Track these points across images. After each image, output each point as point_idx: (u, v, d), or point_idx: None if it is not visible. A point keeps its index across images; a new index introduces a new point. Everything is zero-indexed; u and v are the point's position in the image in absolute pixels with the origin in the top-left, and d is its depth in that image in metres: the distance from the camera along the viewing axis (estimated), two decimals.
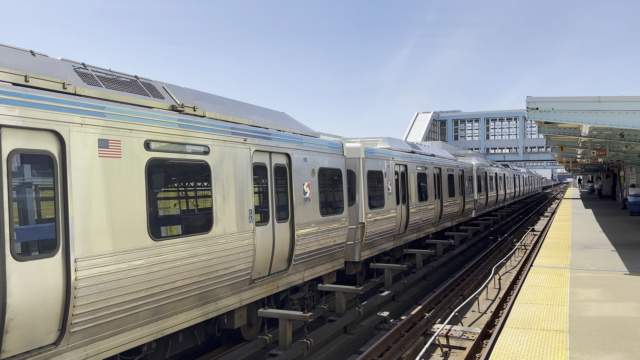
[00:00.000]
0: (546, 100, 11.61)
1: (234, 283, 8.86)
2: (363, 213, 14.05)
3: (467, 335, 11.06)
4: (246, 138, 9.27)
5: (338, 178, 12.77)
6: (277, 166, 10.22)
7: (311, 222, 11.15)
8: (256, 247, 9.31)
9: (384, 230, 15.41)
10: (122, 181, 6.80)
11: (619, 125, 11.31)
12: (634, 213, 26.86)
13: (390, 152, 16.60)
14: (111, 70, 7.81)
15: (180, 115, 8.03)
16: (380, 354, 9.86)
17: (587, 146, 22.26)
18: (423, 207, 19.09)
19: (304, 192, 10.93)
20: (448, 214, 22.94)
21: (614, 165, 40.61)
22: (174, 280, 7.50)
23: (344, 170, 12.99)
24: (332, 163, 12.42)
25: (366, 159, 14.50)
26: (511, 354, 6.65)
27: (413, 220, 18.06)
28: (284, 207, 10.42)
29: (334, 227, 12.22)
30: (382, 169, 15.58)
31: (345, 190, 12.92)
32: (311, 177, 11.27)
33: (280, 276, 10.28)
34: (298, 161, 10.85)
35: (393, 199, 16.12)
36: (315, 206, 11.38)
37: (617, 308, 8.68)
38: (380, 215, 15.06)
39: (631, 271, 11.72)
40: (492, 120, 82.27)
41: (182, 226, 7.86)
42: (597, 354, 6.57)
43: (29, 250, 5.78)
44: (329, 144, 12.42)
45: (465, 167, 26.81)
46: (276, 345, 9.48)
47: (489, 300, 14.63)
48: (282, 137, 10.49)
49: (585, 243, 16.40)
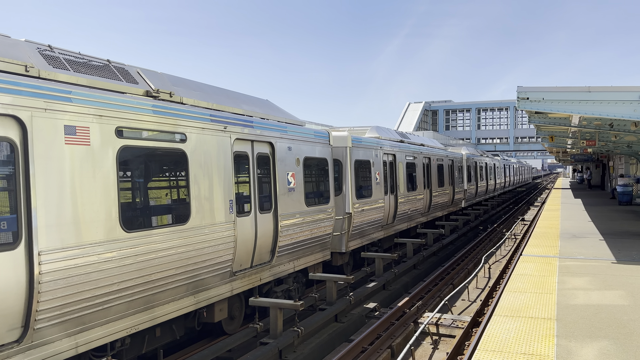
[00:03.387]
0: (537, 90, 11.63)
1: (214, 276, 8.51)
2: (350, 203, 13.75)
3: (456, 323, 11.13)
4: (226, 126, 8.89)
5: (324, 168, 12.41)
6: (259, 155, 9.85)
7: (296, 213, 10.80)
8: (237, 239, 8.94)
9: (371, 220, 15.12)
10: (90, 170, 6.44)
11: (609, 115, 11.36)
12: (623, 203, 27.10)
13: (379, 141, 16.24)
14: (81, 54, 7.39)
15: (155, 101, 7.63)
16: (371, 342, 9.91)
17: (577, 136, 22.37)
18: (412, 197, 18.80)
19: (288, 182, 10.56)
20: (438, 204, 22.69)
21: (603, 155, 40.91)
22: (148, 274, 7.15)
23: (331, 159, 12.62)
24: (318, 152, 12.04)
25: (353, 148, 14.18)
26: (500, 341, 6.70)
27: (402, 211, 17.74)
28: (267, 197, 10.06)
29: (319, 218, 11.84)
30: (370, 158, 15.26)
31: (331, 180, 12.58)
32: (296, 167, 10.89)
33: (264, 268, 9.92)
34: (282, 150, 10.46)
35: (381, 188, 15.84)
36: (300, 196, 11.01)
37: (604, 296, 8.76)
38: (367, 205, 14.76)
39: (618, 260, 11.83)
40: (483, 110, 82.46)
41: (157, 217, 7.49)
42: (584, 341, 6.62)
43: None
44: (314, 133, 12.01)
45: (455, 156, 26.54)
46: (267, 333, 9.50)
47: (478, 289, 14.73)
48: (265, 125, 10.10)
49: (574, 232, 16.53)
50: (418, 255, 17.07)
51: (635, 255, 12.36)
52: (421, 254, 17.26)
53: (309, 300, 11.22)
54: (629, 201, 27.04)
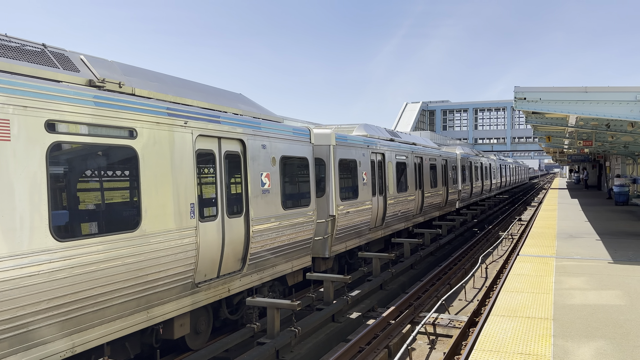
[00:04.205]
0: (534, 90, 11.66)
1: (171, 289, 7.65)
2: (334, 205, 12.96)
3: (453, 323, 11.15)
4: (187, 121, 8.01)
5: (304, 167, 11.54)
6: (228, 154, 9.03)
7: (271, 217, 9.99)
8: (200, 246, 8.13)
9: (358, 223, 14.39)
10: (11, 169, 5.63)
11: (605, 115, 11.40)
12: (619, 203, 27.18)
13: (366, 139, 15.45)
14: (8, 36, 6.69)
15: (98, 91, 6.81)
16: (368, 342, 9.92)
17: (574, 136, 22.44)
18: (402, 198, 18.02)
19: (262, 183, 9.77)
20: (430, 205, 22.06)
21: (600, 155, 41.02)
22: (89, 288, 6.34)
23: (312, 158, 11.73)
24: (297, 151, 11.17)
25: (338, 147, 13.36)
26: (497, 341, 6.71)
27: (391, 212, 16.97)
28: (238, 200, 9.26)
29: (299, 222, 11.01)
30: (356, 157, 14.48)
31: (312, 180, 11.71)
32: (271, 167, 10.10)
33: (233, 278, 9.10)
34: (255, 148, 9.64)
35: (368, 189, 15.05)
36: (275, 198, 10.20)
37: (600, 296, 8.79)
38: (353, 207, 14.04)
39: (615, 260, 11.87)
40: (480, 110, 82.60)
41: (98, 223, 6.65)
42: (581, 341, 6.64)
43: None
44: (293, 130, 11.13)
45: (449, 156, 25.89)
46: (264, 333, 9.50)
47: (475, 289, 14.76)
48: (235, 121, 9.23)
49: (571, 232, 16.57)
50: (415, 255, 17.09)
51: (631, 255, 12.40)
52: (418, 254, 17.28)
53: (306, 300, 11.23)
54: (626, 201, 27.13)
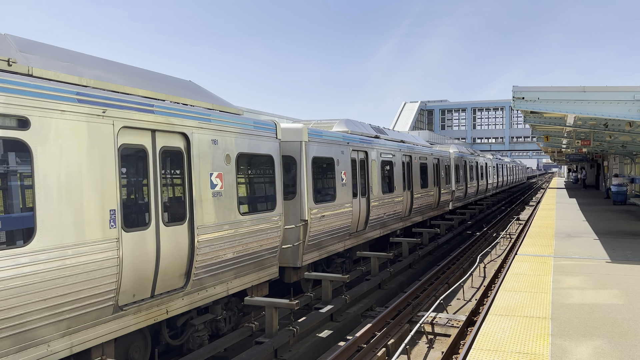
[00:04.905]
0: (532, 89, 11.67)
1: (82, 315, 6.36)
2: (306, 208, 11.71)
3: (452, 322, 11.17)
4: (106, 109, 6.69)
5: (268, 166, 10.36)
6: (166, 150, 7.70)
7: (223, 224, 8.70)
8: (124, 261, 6.83)
9: (335, 228, 13.18)
10: None
11: (603, 115, 11.42)
12: (617, 202, 27.23)
13: (346, 136, 14.21)
14: None
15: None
16: (366, 341, 9.94)
17: (572, 136, 22.48)
18: (388, 199, 16.80)
19: (212, 184, 8.50)
20: (420, 207, 20.83)
21: (598, 155, 41.10)
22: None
23: (278, 156, 10.52)
24: (259, 147, 9.94)
25: (311, 143, 12.10)
26: (495, 340, 6.72)
27: (375, 215, 15.77)
28: (179, 204, 7.96)
29: (261, 228, 9.75)
30: (334, 155, 13.24)
31: (278, 181, 10.52)
32: (225, 165, 8.83)
33: (173, 297, 7.80)
34: (202, 144, 8.34)
35: (348, 190, 13.85)
36: (230, 202, 8.91)
37: (598, 295, 8.81)
38: (330, 210, 12.79)
39: (613, 259, 11.89)
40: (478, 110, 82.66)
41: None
42: (579, 340, 6.66)
43: None
44: (254, 124, 9.85)
45: (442, 155, 24.78)
46: (262, 333, 9.51)
47: (474, 288, 14.78)
48: (175, 111, 7.87)
49: (569, 232, 16.60)
50: (413, 255, 17.10)
51: (629, 254, 12.43)
52: (417, 254, 17.29)
53: (305, 299, 11.24)
54: (623, 201, 27.19)
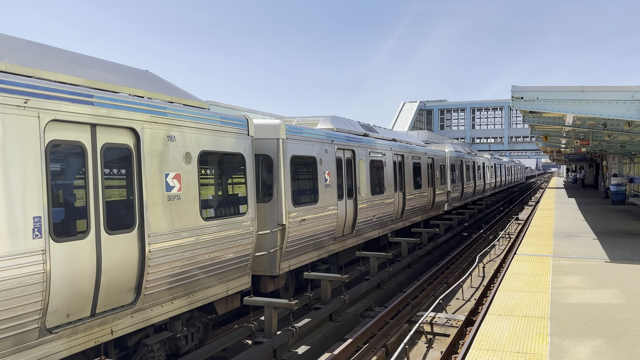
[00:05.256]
0: (531, 89, 11.68)
1: (5, 338, 5.60)
2: (284, 212, 10.87)
3: (451, 322, 11.17)
4: (29, 99, 5.88)
5: (238, 166, 9.52)
6: (110, 147, 6.82)
7: (182, 230, 7.83)
8: (51, 277, 5.98)
9: (318, 232, 12.33)
10: None
11: (602, 115, 11.43)
12: (616, 202, 27.26)
13: (331, 133, 13.43)
14: None
15: None
16: (365, 341, 9.94)
17: (571, 136, 22.50)
18: (378, 201, 16.08)
19: (167, 186, 7.61)
20: (413, 209, 20.00)
21: (596, 155, 41.14)
22: None
23: (250, 155, 9.60)
24: (227, 145, 9.02)
25: (289, 141, 11.30)
26: (494, 340, 6.72)
27: (364, 218, 15.04)
28: (127, 209, 7.07)
29: (230, 235, 8.87)
30: (317, 154, 12.43)
31: (250, 182, 9.59)
32: (184, 165, 7.94)
33: (120, 314, 6.90)
34: (156, 140, 7.44)
35: (333, 192, 13.03)
36: (190, 206, 8.01)
37: (597, 295, 8.81)
38: (312, 213, 11.96)
39: (612, 259, 11.90)
40: (477, 110, 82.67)
41: None
42: (577, 340, 6.66)
43: None
44: (220, 118, 8.88)
45: (436, 154, 23.93)
46: (262, 333, 9.50)
47: (473, 288, 14.78)
48: (120, 103, 6.94)
49: (567, 231, 16.61)
50: (412, 255, 17.10)
51: (628, 254, 12.44)
52: (416, 253, 17.29)
53: (304, 299, 11.23)
54: (622, 200, 27.22)
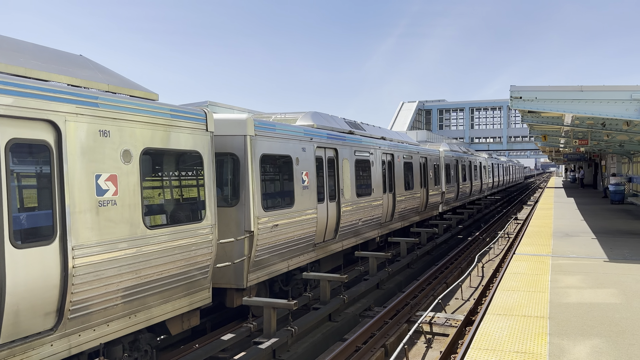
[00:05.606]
0: (530, 89, 11.69)
1: None
2: (252, 217, 9.81)
3: (450, 322, 11.17)
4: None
5: (194, 166, 8.47)
6: (19, 143, 5.87)
7: (119, 241, 6.84)
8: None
9: (294, 238, 11.42)
10: None
11: (601, 114, 11.44)
12: (615, 202, 27.29)
13: (310, 130, 12.46)
14: None
15: None
16: (365, 341, 9.93)
17: (570, 135, 22.52)
18: (365, 203, 15.25)
19: (99, 189, 6.65)
20: (404, 211, 19.09)
21: (595, 154, 41.18)
22: None
23: (209, 153, 8.54)
24: (180, 142, 7.96)
25: (259, 138, 10.25)
26: (493, 340, 6.73)
27: (348, 222, 14.10)
28: (44, 218, 6.16)
29: (182, 245, 7.82)
30: (292, 152, 11.51)
31: (209, 184, 8.55)
32: (122, 164, 7.00)
33: (34, 343, 5.92)
34: (84, 136, 6.50)
35: (312, 194, 12.13)
36: (130, 213, 7.05)
37: (596, 294, 8.82)
38: (286, 218, 11.02)
39: (611, 258, 11.91)
40: (476, 109, 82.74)
41: None
42: (576, 339, 6.66)
43: None
44: (170, 111, 7.77)
45: (430, 153, 23.02)
46: (261, 333, 9.50)
47: (472, 288, 14.78)
48: (34, 90, 6.00)
49: (566, 231, 16.62)
50: (412, 254, 17.10)
51: (627, 253, 12.45)
52: (415, 253, 17.29)
53: (303, 299, 11.23)
54: (621, 200, 27.25)
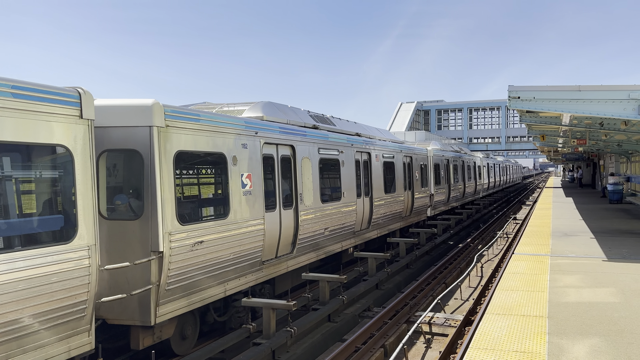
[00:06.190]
0: (528, 89, 11.71)
1: None
2: (161, 233, 7.73)
3: (449, 322, 11.17)
4: None
5: (60, 166, 6.53)
6: None
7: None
8: None
9: (230, 256, 9.21)
10: None
11: (599, 114, 11.46)
12: (613, 201, 27.32)
13: (255, 123, 10.35)
14: None
15: None
16: (364, 342, 9.93)
17: (568, 135, 22.55)
18: (332, 210, 13.02)
19: None
20: (384, 216, 17.03)
21: (594, 154, 41.21)
22: None
23: (85, 148, 6.59)
24: (34, 133, 6.05)
25: (173, 130, 8.11)
26: (492, 340, 6.73)
27: (309, 233, 11.90)
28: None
29: (34, 276, 5.87)
30: (227, 149, 9.33)
31: (85, 191, 6.53)
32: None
33: None
34: None
35: (257, 201, 9.96)
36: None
37: (595, 294, 8.83)
38: (217, 232, 8.86)
39: (609, 258, 11.92)
40: (475, 110, 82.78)
41: None
42: (576, 338, 6.67)
43: None
44: (13, 89, 5.84)
45: (416, 152, 21.04)
46: (260, 334, 9.49)
47: (471, 288, 14.79)
48: None
49: (565, 231, 16.63)
50: (411, 255, 17.10)
51: (625, 253, 12.46)
52: (414, 253, 17.29)
53: (302, 300, 11.22)
54: (620, 199, 27.28)
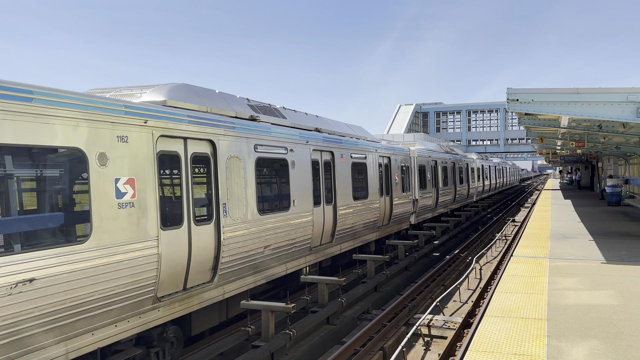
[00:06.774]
0: (526, 91, 11.72)
1: None
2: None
3: (448, 324, 11.16)
4: None
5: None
6: None
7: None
8: None
9: (96, 297, 6.58)
10: None
11: (597, 116, 11.47)
12: (612, 203, 27.33)
13: (143, 108, 7.56)
14: None
15: None
16: (363, 344, 9.92)
17: (566, 137, 22.56)
18: (276, 223, 10.51)
19: None
20: (352, 227, 14.48)
21: (592, 156, 41.23)
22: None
23: None
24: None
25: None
26: (491, 342, 6.72)
27: (239, 253, 9.29)
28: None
29: None
30: (87, 146, 6.63)
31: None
32: None
33: None
34: None
35: (143, 217, 7.32)
36: None
37: (594, 296, 8.83)
38: (70, 262, 6.24)
39: (608, 260, 11.92)
40: (473, 112, 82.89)
41: None
42: (574, 341, 6.67)
43: None
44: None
45: (395, 152, 18.50)
46: (259, 336, 9.48)
47: (470, 290, 14.78)
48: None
49: (564, 233, 16.63)
50: (409, 257, 17.09)
51: (624, 255, 12.46)
52: (413, 256, 17.29)
53: (301, 302, 11.21)
54: (618, 202, 27.30)
